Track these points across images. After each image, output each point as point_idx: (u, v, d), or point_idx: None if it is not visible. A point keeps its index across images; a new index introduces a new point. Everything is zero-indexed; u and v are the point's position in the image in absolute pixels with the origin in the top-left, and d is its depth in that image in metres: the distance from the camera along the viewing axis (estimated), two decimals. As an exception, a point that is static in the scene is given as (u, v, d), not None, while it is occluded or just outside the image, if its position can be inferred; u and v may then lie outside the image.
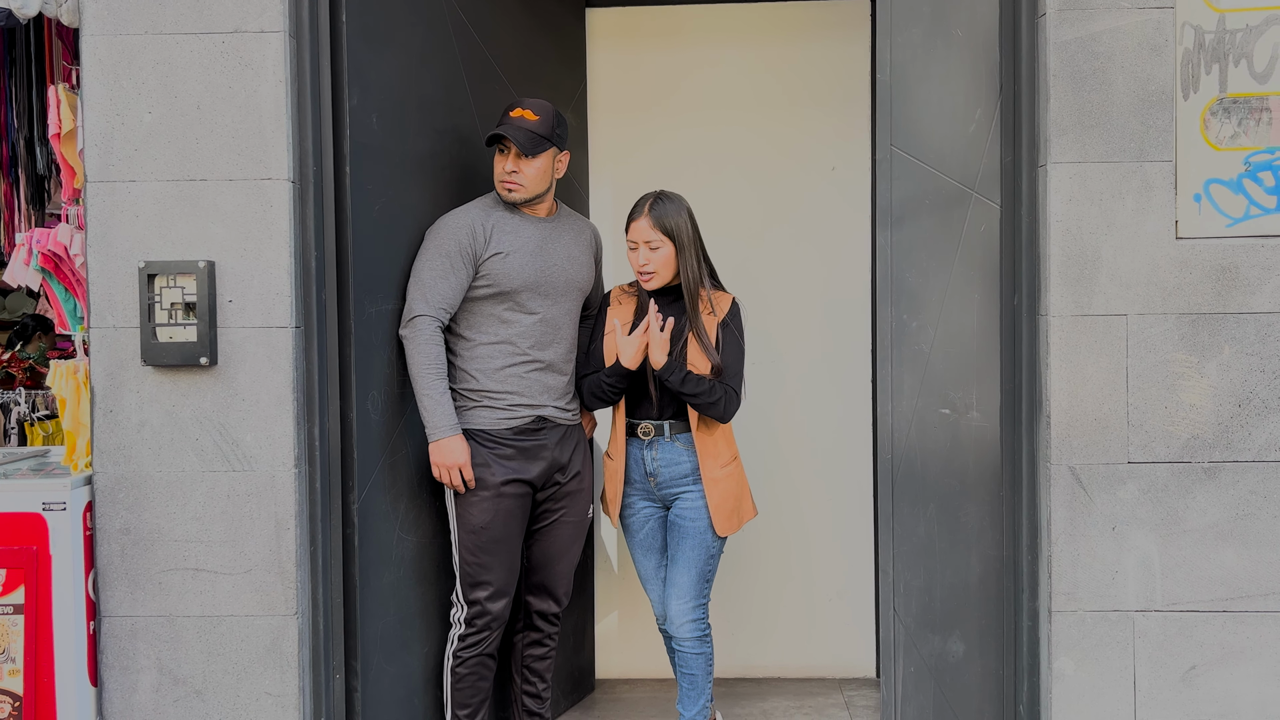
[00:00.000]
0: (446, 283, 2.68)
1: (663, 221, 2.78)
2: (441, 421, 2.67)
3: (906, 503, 2.66)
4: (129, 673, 2.45)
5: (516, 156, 2.72)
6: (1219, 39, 2.39)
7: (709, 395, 2.75)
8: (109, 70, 2.42)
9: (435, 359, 2.67)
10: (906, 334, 2.63)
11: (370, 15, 2.59)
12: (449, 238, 2.70)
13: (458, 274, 2.69)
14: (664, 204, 2.81)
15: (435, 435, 2.68)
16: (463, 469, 2.68)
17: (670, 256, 2.80)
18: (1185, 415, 2.40)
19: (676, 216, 2.80)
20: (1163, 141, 2.39)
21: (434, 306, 2.68)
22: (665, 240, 2.78)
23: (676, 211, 2.80)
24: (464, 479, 2.69)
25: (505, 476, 2.73)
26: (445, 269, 2.68)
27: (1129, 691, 2.41)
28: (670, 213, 2.79)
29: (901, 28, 2.60)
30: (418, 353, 2.67)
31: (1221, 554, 2.40)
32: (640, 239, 2.80)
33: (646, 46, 3.70)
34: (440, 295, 2.68)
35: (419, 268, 2.71)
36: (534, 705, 2.97)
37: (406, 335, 2.69)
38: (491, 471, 2.72)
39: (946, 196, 2.59)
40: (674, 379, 2.74)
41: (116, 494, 2.44)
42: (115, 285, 2.43)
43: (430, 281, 2.68)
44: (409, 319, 2.69)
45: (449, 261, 2.69)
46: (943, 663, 2.63)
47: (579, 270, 2.86)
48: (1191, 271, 2.39)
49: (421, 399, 2.68)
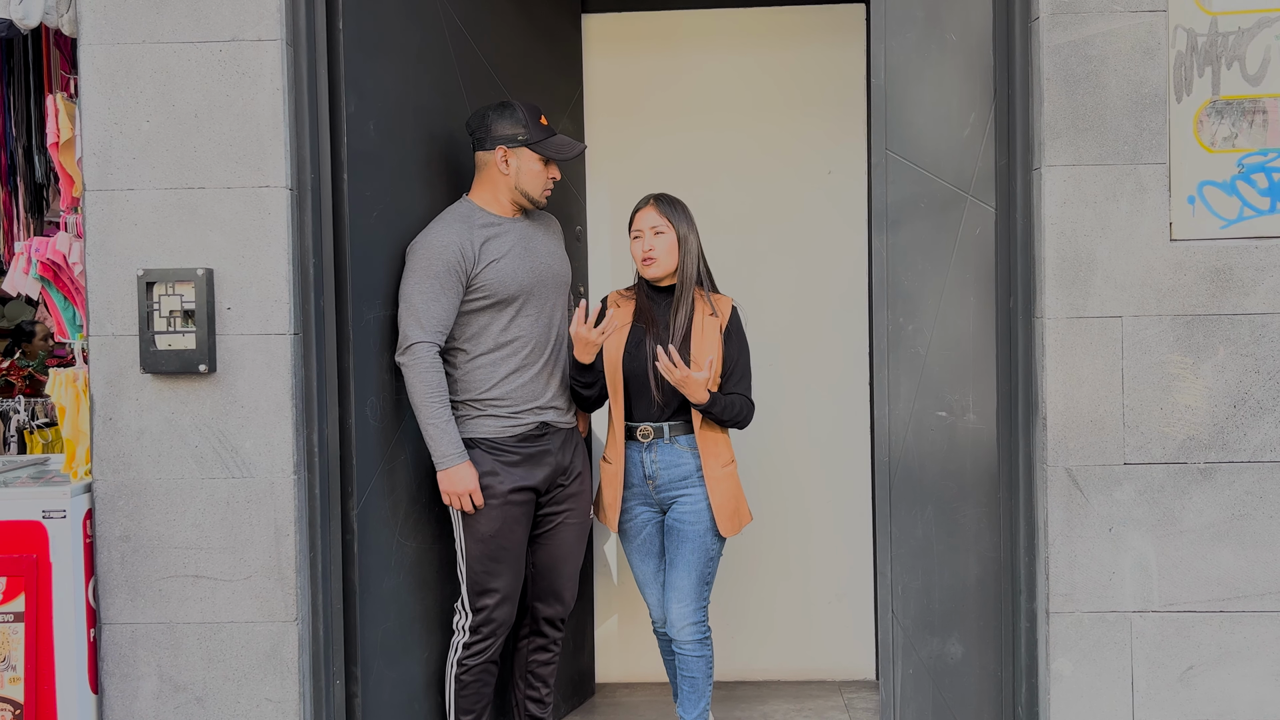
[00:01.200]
0: (439, 304, 2.65)
1: (668, 211, 2.88)
2: (449, 450, 2.65)
3: (904, 505, 2.66)
4: (130, 680, 2.46)
5: (552, 163, 2.79)
6: (1211, 42, 2.40)
7: (740, 411, 2.85)
8: (107, 79, 2.43)
9: (437, 386, 2.65)
10: (903, 337, 2.64)
11: (367, 23, 2.60)
12: (436, 259, 2.65)
13: (449, 294, 2.66)
14: (669, 199, 2.92)
15: (444, 464, 2.66)
16: (473, 494, 2.68)
17: (673, 244, 2.86)
18: (1181, 416, 2.41)
19: (681, 210, 2.91)
20: (1156, 144, 2.40)
21: (429, 331, 2.64)
22: (669, 227, 2.86)
23: (681, 207, 2.91)
24: (474, 502, 2.70)
25: (513, 484, 2.73)
26: (436, 290, 2.64)
27: (1127, 692, 2.42)
28: (675, 206, 2.91)
29: (896, 32, 2.61)
30: (419, 381, 2.63)
31: (1218, 554, 2.41)
32: (645, 225, 2.87)
33: (642, 51, 3.72)
34: (434, 318, 2.65)
35: (408, 292, 2.66)
36: (536, 710, 2.98)
37: (405, 363, 2.65)
38: (500, 480, 2.72)
39: (941, 200, 2.60)
40: (715, 410, 2.80)
41: (116, 501, 2.45)
42: (114, 293, 2.44)
43: (423, 306, 2.64)
44: (405, 346, 2.65)
45: (439, 283, 2.64)
46: (941, 664, 2.64)
47: (560, 264, 2.89)
48: (1186, 273, 2.40)
49: (426, 427, 2.66)
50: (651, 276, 2.87)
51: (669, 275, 2.88)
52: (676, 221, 2.86)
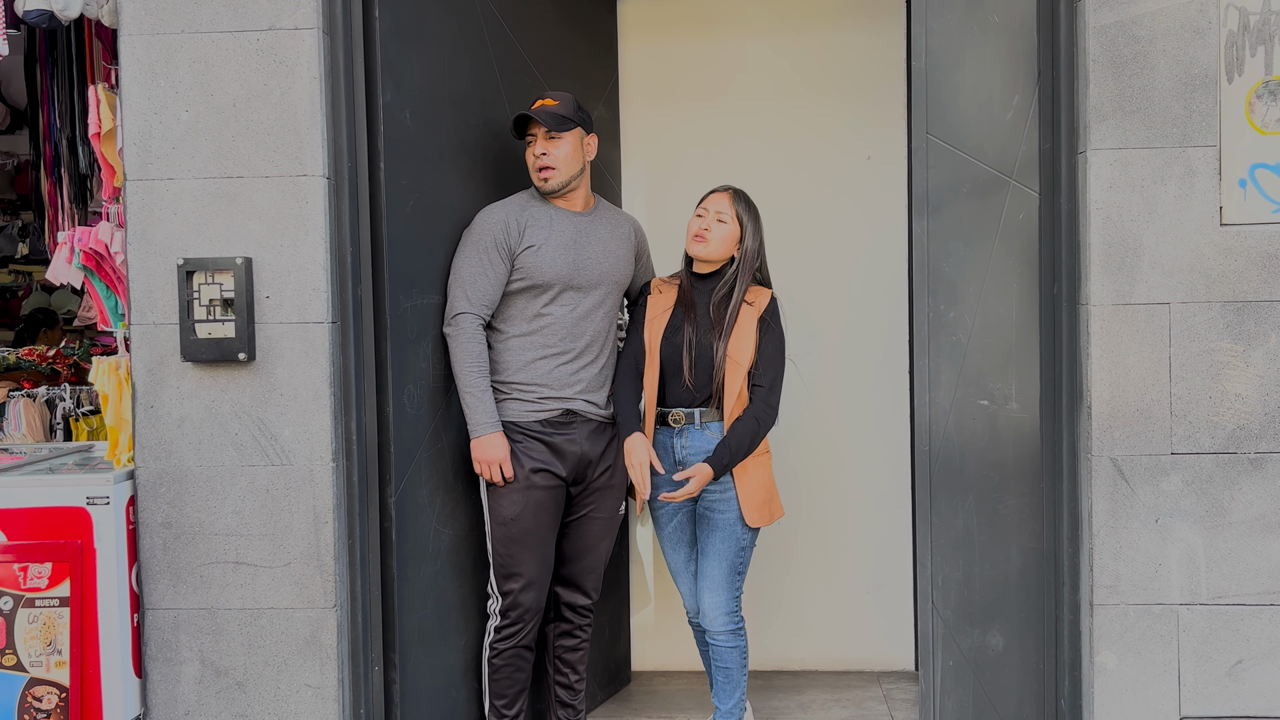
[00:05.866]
0: (486, 279, 2.71)
1: (740, 205, 2.86)
2: (483, 419, 2.69)
3: (945, 495, 2.63)
4: (172, 664, 2.49)
5: (545, 138, 2.74)
6: (1264, 20, 2.34)
7: (756, 434, 2.79)
8: (146, 69, 2.45)
9: (478, 357, 2.69)
10: (944, 324, 2.60)
11: (402, 11, 2.60)
12: (485, 233, 2.72)
13: (495, 269, 2.71)
14: (747, 197, 2.90)
15: (477, 432, 2.70)
16: (503, 464, 2.70)
17: (729, 237, 2.83)
18: (1230, 405, 2.35)
19: (752, 211, 2.88)
20: (1206, 126, 2.34)
21: (475, 304, 2.70)
22: (734, 221, 2.84)
23: (753, 208, 2.89)
24: (504, 474, 2.71)
25: (533, 467, 2.74)
26: (484, 265, 2.71)
27: (1173, 685, 2.38)
28: (749, 204, 2.88)
29: (937, 13, 2.57)
30: (461, 351, 2.69)
31: (1269, 546, 2.35)
32: (713, 207, 2.85)
33: (678, 36, 3.69)
34: (481, 292, 2.70)
35: (458, 265, 2.73)
36: (566, 696, 2.98)
37: (450, 333, 2.72)
38: (520, 463, 2.74)
39: (984, 184, 2.56)
40: (735, 458, 2.77)
41: (158, 488, 2.47)
42: (155, 282, 2.46)
43: (470, 278, 2.70)
44: (452, 316, 2.71)
45: (486, 257, 2.71)
46: (982, 656, 2.61)
47: (615, 264, 2.86)
48: (1236, 258, 2.34)
49: (464, 396, 2.70)
50: (697, 255, 2.84)
51: (714, 262, 2.85)
52: (744, 217, 2.84)
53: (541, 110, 2.74)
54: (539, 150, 2.75)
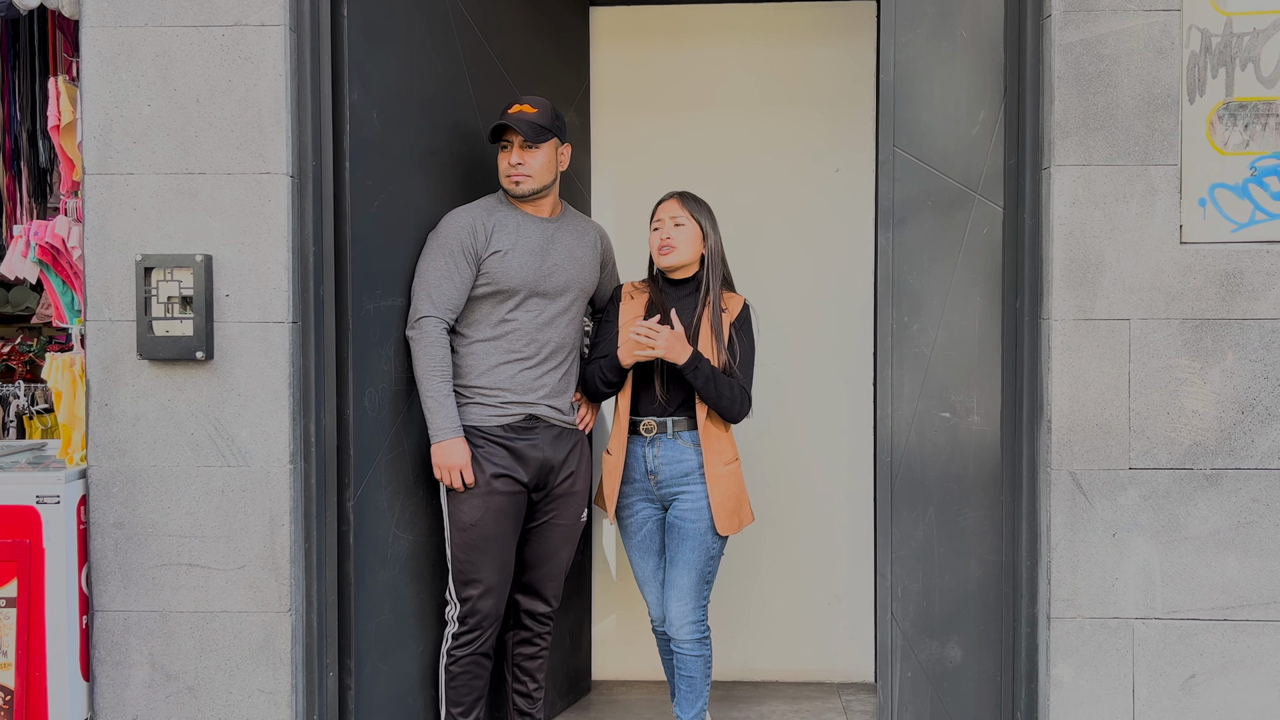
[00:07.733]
0: (451, 283, 2.69)
1: (690, 205, 2.87)
2: (445, 423, 2.67)
3: (906, 506, 2.64)
4: (121, 667, 2.44)
5: (521, 148, 2.74)
6: (1226, 42, 2.37)
7: (730, 392, 2.77)
8: (108, 62, 2.41)
9: (440, 361, 2.67)
10: (907, 336, 2.62)
11: (371, 10, 2.58)
12: (451, 237, 2.70)
13: (461, 273, 2.70)
14: (693, 196, 2.92)
15: (438, 437, 2.67)
16: (463, 470, 2.68)
17: (693, 237, 2.84)
18: (1188, 421, 2.38)
19: (704, 208, 2.90)
20: (1168, 145, 2.37)
21: (440, 307, 2.68)
22: (691, 220, 2.85)
23: (704, 206, 2.91)
24: (464, 480, 2.69)
25: (494, 473, 2.72)
26: (450, 269, 2.69)
27: (1128, 699, 2.39)
28: (699, 203, 2.90)
29: (905, 28, 2.58)
30: (424, 354, 2.67)
31: (1223, 562, 2.38)
32: (667, 215, 2.86)
33: (650, 45, 3.69)
34: (446, 296, 2.69)
35: (423, 268, 2.71)
36: (525, 704, 2.96)
37: (413, 336, 2.69)
38: (481, 469, 2.71)
39: (949, 198, 2.57)
40: (700, 377, 2.74)
41: (110, 488, 2.43)
42: (112, 278, 2.42)
43: (435, 282, 2.68)
44: (415, 319, 2.69)
45: (452, 261, 2.69)
46: (940, 668, 2.61)
47: (581, 271, 2.85)
48: (1195, 276, 2.37)
49: (426, 400, 2.68)
50: (667, 265, 2.85)
51: (685, 266, 2.86)
52: (699, 216, 2.86)
53: (520, 119, 2.72)
54: (514, 159, 2.74)
